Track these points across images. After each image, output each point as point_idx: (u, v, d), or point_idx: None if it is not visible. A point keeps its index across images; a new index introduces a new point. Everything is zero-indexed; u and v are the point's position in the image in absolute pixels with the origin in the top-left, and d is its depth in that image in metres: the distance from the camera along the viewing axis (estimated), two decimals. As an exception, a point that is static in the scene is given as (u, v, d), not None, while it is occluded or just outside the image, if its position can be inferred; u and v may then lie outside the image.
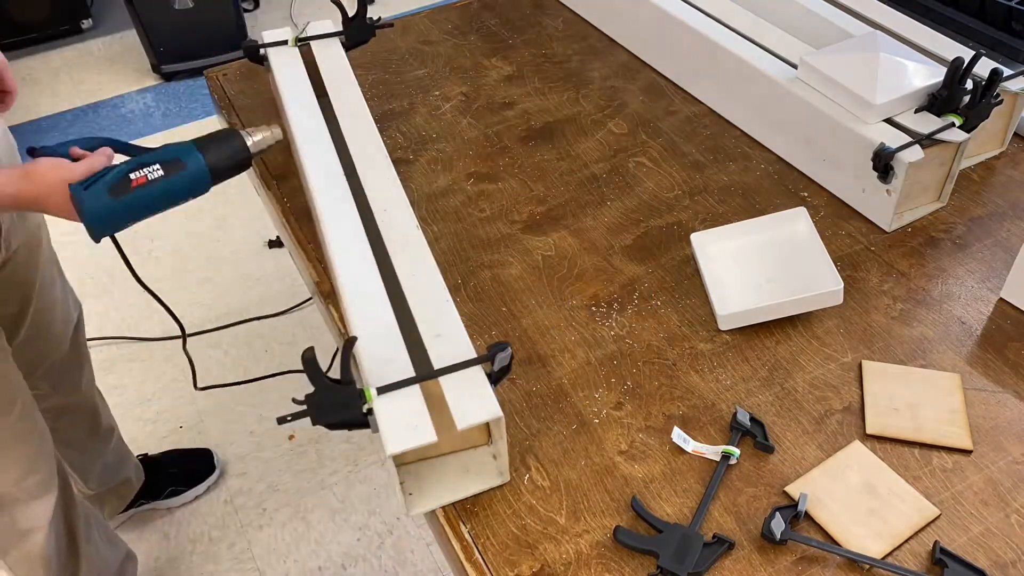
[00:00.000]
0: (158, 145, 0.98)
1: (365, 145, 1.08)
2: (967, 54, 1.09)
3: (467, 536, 0.82)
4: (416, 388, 0.79)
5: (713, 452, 0.86)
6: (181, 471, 1.84)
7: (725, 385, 0.94)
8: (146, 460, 1.81)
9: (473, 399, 0.79)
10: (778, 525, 0.79)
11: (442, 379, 0.80)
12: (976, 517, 0.81)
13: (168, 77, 3.09)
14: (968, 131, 1.07)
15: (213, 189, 0.99)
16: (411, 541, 1.79)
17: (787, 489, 0.84)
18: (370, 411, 0.78)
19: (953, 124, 1.07)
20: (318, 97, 1.16)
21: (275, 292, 2.27)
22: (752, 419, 0.89)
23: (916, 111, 1.11)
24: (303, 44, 1.25)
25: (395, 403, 0.78)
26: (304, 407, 0.78)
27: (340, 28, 1.27)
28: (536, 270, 1.09)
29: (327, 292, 1.07)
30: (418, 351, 0.83)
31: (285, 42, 1.25)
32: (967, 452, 0.86)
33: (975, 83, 1.06)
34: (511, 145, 1.29)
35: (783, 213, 1.07)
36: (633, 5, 1.41)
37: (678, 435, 0.88)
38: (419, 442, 0.75)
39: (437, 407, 0.78)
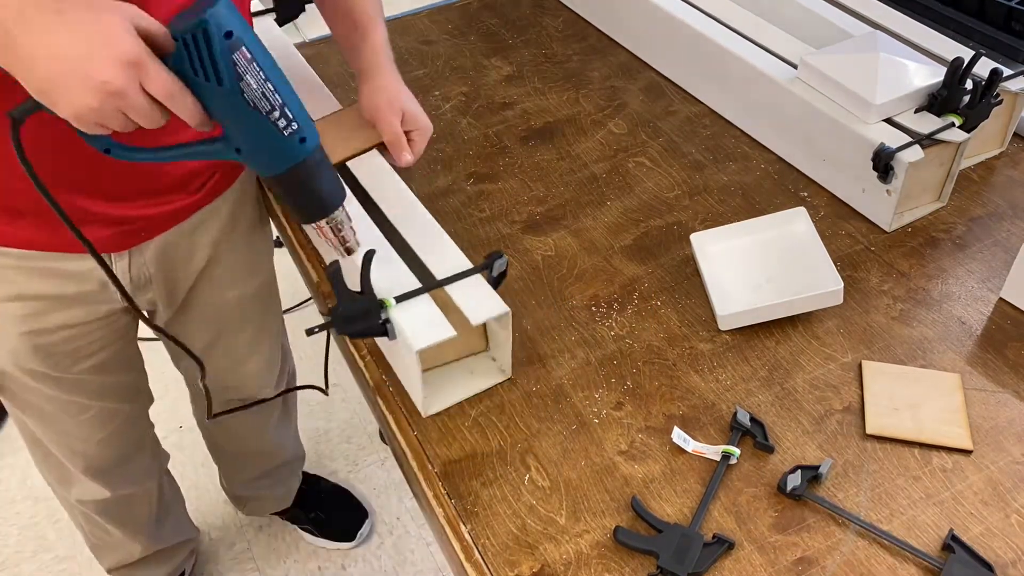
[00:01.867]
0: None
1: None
2: (967, 54, 1.09)
3: (467, 536, 0.82)
4: (426, 296, 0.88)
5: (713, 452, 0.86)
6: (327, 515, 1.79)
7: (725, 385, 0.94)
8: (309, 478, 1.79)
9: (480, 300, 0.88)
10: (794, 479, 0.80)
11: (447, 287, 0.89)
12: (976, 517, 0.81)
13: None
14: (968, 131, 1.07)
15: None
16: (411, 541, 1.79)
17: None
18: (387, 321, 0.85)
19: (953, 124, 1.07)
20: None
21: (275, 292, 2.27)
22: (752, 419, 0.89)
23: (916, 111, 1.11)
24: None
25: (411, 310, 0.87)
26: (329, 319, 0.84)
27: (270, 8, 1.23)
28: (536, 270, 1.09)
29: (327, 292, 1.07)
30: (419, 268, 0.92)
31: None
32: (967, 452, 0.86)
33: (975, 83, 1.06)
34: (511, 145, 1.29)
35: (783, 213, 1.07)
36: (633, 5, 1.41)
37: (678, 435, 0.88)
38: (441, 336, 0.84)
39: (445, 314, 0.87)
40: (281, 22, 1.18)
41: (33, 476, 1.93)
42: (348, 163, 1.06)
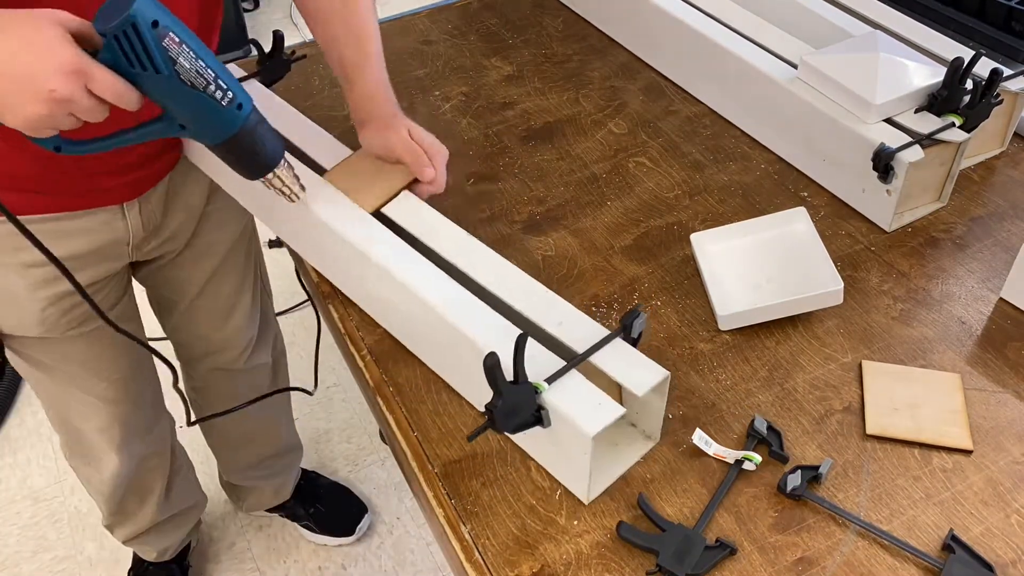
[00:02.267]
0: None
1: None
2: (967, 54, 1.09)
3: (467, 536, 0.82)
4: (575, 372, 0.81)
5: (732, 456, 0.86)
6: (326, 510, 1.80)
7: (725, 385, 0.94)
8: (307, 474, 1.81)
9: (632, 367, 0.81)
10: (794, 479, 0.80)
11: (592, 359, 0.82)
12: (976, 517, 0.81)
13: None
14: (968, 131, 1.07)
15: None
16: (411, 541, 1.79)
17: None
18: (540, 407, 0.79)
19: (953, 124, 1.07)
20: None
21: (275, 292, 2.27)
22: (769, 427, 0.88)
23: (916, 111, 1.11)
24: None
25: (565, 391, 0.79)
26: (491, 418, 0.77)
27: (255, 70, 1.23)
28: (536, 270, 1.09)
29: (327, 293, 1.07)
30: (552, 343, 0.84)
31: None
32: (967, 452, 0.86)
33: (975, 83, 1.06)
34: (511, 145, 1.29)
35: (783, 213, 1.07)
36: (633, 5, 1.41)
37: (700, 437, 0.87)
38: (612, 417, 0.76)
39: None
40: (267, 83, 1.21)
41: (33, 476, 1.93)
42: (406, 227, 0.98)
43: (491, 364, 0.75)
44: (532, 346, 0.82)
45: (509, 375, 0.77)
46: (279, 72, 1.23)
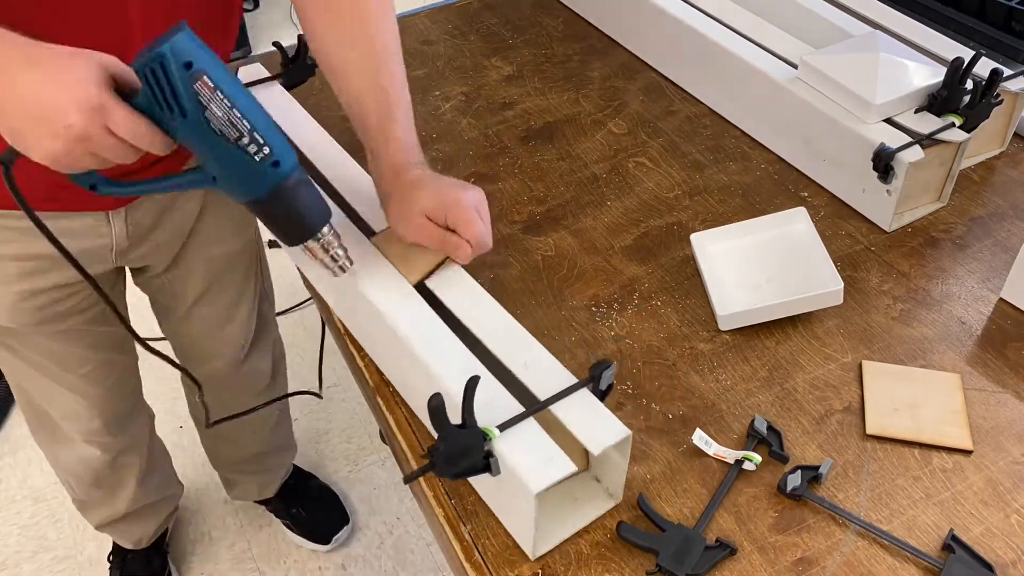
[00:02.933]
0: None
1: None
2: (967, 54, 1.09)
3: (467, 536, 0.82)
4: (532, 421, 0.76)
5: (732, 456, 0.86)
6: (307, 513, 1.79)
7: (725, 385, 0.94)
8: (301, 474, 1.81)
9: (594, 421, 0.76)
10: (794, 479, 0.80)
11: (552, 408, 0.77)
12: (976, 517, 0.81)
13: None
14: (968, 131, 1.07)
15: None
16: (411, 541, 1.79)
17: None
18: (489, 454, 0.74)
19: (953, 124, 1.07)
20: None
21: (275, 292, 2.27)
22: (769, 427, 0.88)
23: (916, 111, 1.11)
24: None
25: (518, 440, 0.74)
26: (430, 462, 0.73)
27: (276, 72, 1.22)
28: (536, 270, 1.09)
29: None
30: (514, 386, 0.79)
31: None
32: (967, 452, 0.86)
33: (975, 83, 1.06)
34: (511, 145, 1.29)
35: (783, 213, 1.07)
36: (633, 5, 1.41)
37: (700, 437, 0.87)
38: (562, 474, 0.72)
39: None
40: (289, 87, 1.19)
41: (33, 476, 1.93)
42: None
43: (435, 405, 0.71)
44: (494, 389, 0.79)
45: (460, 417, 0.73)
46: (302, 76, 1.22)
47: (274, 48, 1.26)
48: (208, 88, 0.67)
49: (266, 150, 0.71)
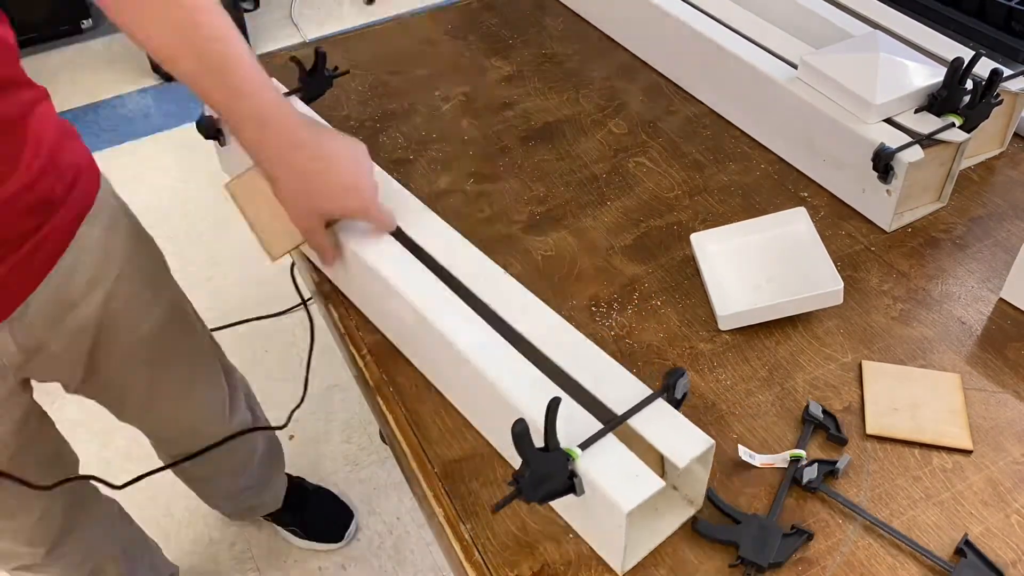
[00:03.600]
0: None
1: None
2: (967, 54, 1.09)
3: (467, 536, 0.82)
4: (612, 437, 0.75)
5: (781, 460, 0.85)
6: (311, 519, 1.78)
7: (725, 385, 0.94)
8: (293, 481, 1.77)
9: (675, 433, 0.75)
10: (810, 472, 0.80)
11: (631, 421, 0.76)
12: (976, 517, 0.81)
13: (168, 77, 3.08)
14: (968, 131, 1.07)
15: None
16: (411, 541, 1.79)
17: (787, 489, 0.84)
18: (572, 475, 0.73)
19: (953, 124, 1.07)
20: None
21: (275, 292, 2.27)
22: (824, 412, 0.88)
23: (916, 111, 1.11)
24: None
25: (601, 458, 0.73)
26: (517, 488, 0.72)
27: (294, 87, 1.19)
28: (536, 270, 1.09)
29: (327, 292, 1.07)
30: (589, 401, 0.78)
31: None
32: (967, 452, 0.86)
33: (975, 83, 1.06)
34: (511, 145, 1.29)
35: (783, 213, 1.07)
36: (633, 5, 1.41)
37: (744, 452, 0.85)
38: (651, 491, 0.70)
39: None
40: (307, 100, 1.19)
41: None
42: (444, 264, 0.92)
43: (520, 431, 0.69)
44: (566, 404, 0.76)
45: (540, 438, 0.72)
46: (320, 88, 1.21)
47: (274, 50, 1.26)
48: None
49: None
